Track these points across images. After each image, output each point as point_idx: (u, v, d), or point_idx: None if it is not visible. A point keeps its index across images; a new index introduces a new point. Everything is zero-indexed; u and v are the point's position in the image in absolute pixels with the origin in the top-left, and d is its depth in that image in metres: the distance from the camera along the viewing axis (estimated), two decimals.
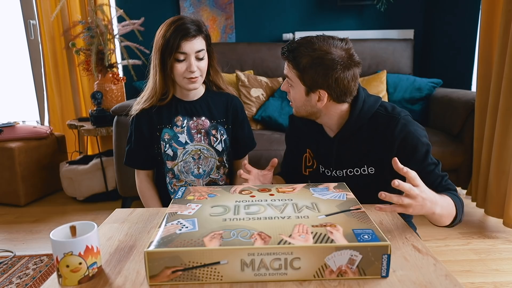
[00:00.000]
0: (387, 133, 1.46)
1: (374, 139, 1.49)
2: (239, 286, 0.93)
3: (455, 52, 3.69)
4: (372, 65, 3.73)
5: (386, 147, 1.46)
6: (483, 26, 2.78)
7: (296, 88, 1.48)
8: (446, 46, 3.83)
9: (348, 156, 1.55)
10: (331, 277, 0.94)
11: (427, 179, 1.29)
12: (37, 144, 3.56)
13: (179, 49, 1.62)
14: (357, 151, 1.53)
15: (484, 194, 2.81)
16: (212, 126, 1.80)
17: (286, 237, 0.96)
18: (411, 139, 1.44)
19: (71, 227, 1.01)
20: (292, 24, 4.09)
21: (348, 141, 1.54)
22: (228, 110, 1.88)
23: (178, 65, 1.65)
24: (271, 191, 1.33)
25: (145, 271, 0.94)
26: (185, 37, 1.62)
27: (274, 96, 3.50)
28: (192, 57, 1.65)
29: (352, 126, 1.51)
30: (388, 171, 1.42)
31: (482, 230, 2.77)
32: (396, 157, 1.18)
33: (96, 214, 3.22)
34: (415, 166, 1.30)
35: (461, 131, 2.97)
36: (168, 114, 1.75)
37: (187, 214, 1.13)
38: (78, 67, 3.97)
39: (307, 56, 1.39)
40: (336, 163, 1.58)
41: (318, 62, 1.39)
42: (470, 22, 3.41)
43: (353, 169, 1.55)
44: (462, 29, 3.55)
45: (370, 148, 1.51)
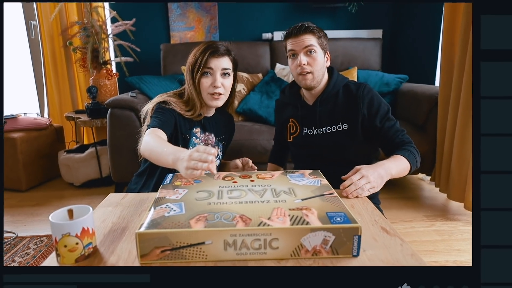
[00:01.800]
0: (357, 95, 1.66)
1: (347, 101, 1.68)
2: (223, 265, 0.93)
3: (420, 50, 3.69)
4: (344, 62, 3.72)
5: (356, 106, 1.66)
6: (446, 26, 2.78)
7: (318, 53, 1.64)
8: (412, 44, 3.84)
9: (327, 116, 1.70)
10: (306, 256, 0.94)
11: (389, 132, 1.64)
12: (37, 135, 3.53)
13: (206, 64, 1.60)
14: (334, 112, 1.69)
15: (446, 180, 2.82)
16: (215, 143, 1.78)
17: (266, 220, 0.96)
18: (376, 99, 1.66)
19: (69, 210, 1.01)
20: (271, 24, 4.07)
21: (327, 105, 1.71)
22: (227, 130, 1.89)
23: (204, 80, 1.62)
24: (251, 177, 1.33)
25: (136, 251, 0.93)
26: (214, 54, 1.61)
27: (254, 90, 3.49)
28: (218, 73, 1.62)
29: (330, 91, 1.70)
30: (358, 126, 1.66)
31: (445, 213, 2.78)
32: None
33: (91, 198, 3.19)
34: (380, 120, 1.65)
35: (425, 123, 2.98)
36: (190, 123, 1.70)
37: (174, 199, 1.13)
38: (75, 64, 3.94)
39: (319, 29, 1.66)
40: (318, 123, 1.72)
41: (324, 33, 1.69)
42: (434, 23, 3.42)
43: (331, 126, 1.70)
44: (426, 29, 3.56)
45: (343, 109, 1.68)
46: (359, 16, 4.06)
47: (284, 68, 3.65)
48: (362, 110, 1.64)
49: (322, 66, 1.66)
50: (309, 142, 1.75)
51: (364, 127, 1.68)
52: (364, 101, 1.64)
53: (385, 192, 3.13)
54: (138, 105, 2.81)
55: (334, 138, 1.69)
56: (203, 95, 1.65)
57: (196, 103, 1.66)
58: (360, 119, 1.65)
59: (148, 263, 0.93)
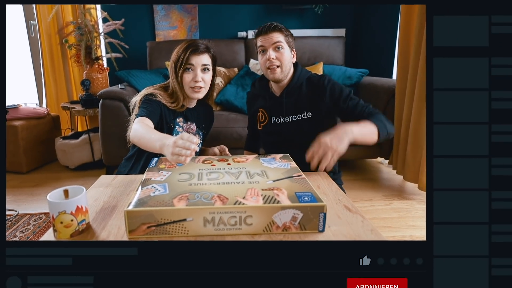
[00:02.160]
0: (320, 85, 1.65)
1: (310, 92, 1.67)
2: (202, 239, 0.92)
3: (379, 47, 3.70)
4: (311, 58, 3.71)
5: (319, 95, 1.65)
6: (402, 25, 2.78)
7: (285, 50, 1.63)
8: (372, 42, 3.85)
9: (292, 106, 1.69)
10: (277, 232, 0.95)
11: (356, 109, 1.60)
12: (37, 123, 3.46)
13: (188, 61, 1.57)
14: (298, 102, 1.68)
15: (403, 163, 2.83)
16: (196, 131, 1.76)
17: (241, 199, 0.96)
18: (337, 86, 1.64)
19: (64, 190, 0.99)
20: (245, 24, 4.05)
21: (292, 95, 1.69)
22: (207, 119, 1.86)
23: (186, 75, 1.59)
24: (228, 161, 1.32)
25: (125, 227, 0.93)
26: (195, 51, 1.57)
27: (231, 83, 3.47)
28: (199, 69, 1.59)
29: (295, 83, 1.69)
30: (321, 115, 1.65)
31: (401, 193, 2.80)
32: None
33: (85, 180, 3.14)
34: (343, 101, 1.62)
35: (384, 112, 2.90)
36: (174, 113, 1.67)
37: (159, 180, 1.11)
38: (70, 59, 3.88)
39: (286, 29, 1.65)
40: (285, 112, 1.70)
41: (290, 32, 1.67)
42: (391, 23, 3.42)
43: (296, 115, 1.68)
44: (385, 28, 3.57)
45: (307, 99, 1.67)
46: (324, 17, 4.05)
47: (257, 63, 3.60)
48: (325, 98, 1.63)
49: (289, 62, 1.65)
50: (276, 130, 1.73)
51: (331, 114, 1.67)
52: (326, 89, 1.63)
53: (348, 174, 3.17)
54: (127, 97, 2.78)
55: (299, 125, 1.68)
56: (186, 89, 1.63)
57: (179, 95, 1.64)
58: (324, 107, 1.64)
59: (136, 238, 0.93)
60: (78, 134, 3.60)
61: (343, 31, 4.05)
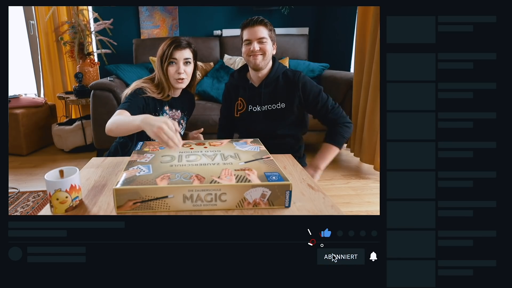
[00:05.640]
0: (294, 80, 1.64)
1: (285, 85, 1.66)
2: (182, 214, 0.92)
3: (338, 43, 3.69)
4: (278, 53, 3.64)
5: (293, 88, 1.64)
6: (359, 24, 2.76)
7: (269, 43, 1.60)
8: (332, 39, 3.83)
9: (269, 96, 1.67)
10: (248, 207, 0.94)
11: (322, 110, 1.64)
12: (35, 111, 3.38)
13: (172, 55, 1.54)
14: (275, 93, 1.67)
15: (360, 146, 2.82)
16: (181, 117, 1.72)
17: (216, 178, 0.95)
18: (308, 83, 1.64)
19: (60, 170, 0.98)
20: (220, 23, 3.99)
21: (269, 86, 1.67)
22: (190, 106, 1.83)
23: (171, 68, 1.55)
24: (205, 145, 1.30)
25: (114, 203, 0.91)
26: (177, 47, 1.54)
27: (207, 75, 3.43)
28: (181, 62, 1.55)
29: (273, 76, 1.66)
30: (293, 106, 1.64)
31: (358, 173, 2.79)
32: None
33: (78, 161, 3.08)
34: (313, 99, 1.63)
35: (343, 101, 2.96)
36: (161, 102, 1.62)
37: (144, 162, 1.09)
38: (65, 54, 3.80)
39: (270, 24, 1.63)
40: (262, 101, 1.68)
41: (273, 27, 1.65)
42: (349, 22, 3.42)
43: (271, 104, 1.67)
44: (344, 27, 3.55)
45: (282, 91, 1.66)
46: (290, 17, 4.01)
47: (231, 58, 3.58)
48: (298, 93, 1.62)
49: (270, 52, 1.62)
50: (253, 117, 1.71)
51: (301, 107, 1.66)
52: (299, 85, 1.62)
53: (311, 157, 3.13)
54: (115, 88, 2.74)
55: (273, 114, 1.67)
56: (170, 80, 1.59)
57: (165, 86, 1.60)
58: (296, 100, 1.63)
59: (123, 213, 0.91)
60: (72, 121, 3.53)
61: (307, 30, 4.02)
